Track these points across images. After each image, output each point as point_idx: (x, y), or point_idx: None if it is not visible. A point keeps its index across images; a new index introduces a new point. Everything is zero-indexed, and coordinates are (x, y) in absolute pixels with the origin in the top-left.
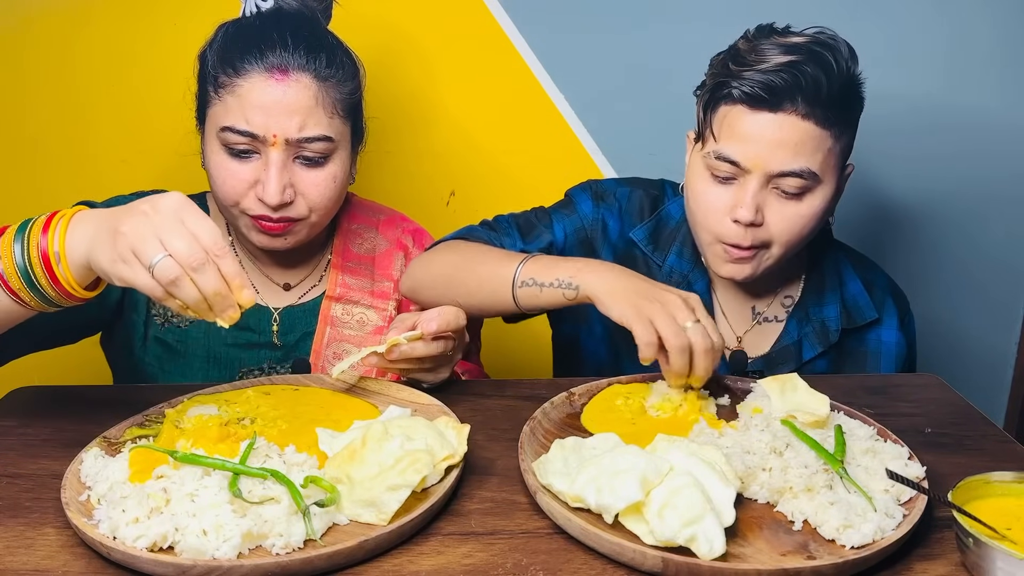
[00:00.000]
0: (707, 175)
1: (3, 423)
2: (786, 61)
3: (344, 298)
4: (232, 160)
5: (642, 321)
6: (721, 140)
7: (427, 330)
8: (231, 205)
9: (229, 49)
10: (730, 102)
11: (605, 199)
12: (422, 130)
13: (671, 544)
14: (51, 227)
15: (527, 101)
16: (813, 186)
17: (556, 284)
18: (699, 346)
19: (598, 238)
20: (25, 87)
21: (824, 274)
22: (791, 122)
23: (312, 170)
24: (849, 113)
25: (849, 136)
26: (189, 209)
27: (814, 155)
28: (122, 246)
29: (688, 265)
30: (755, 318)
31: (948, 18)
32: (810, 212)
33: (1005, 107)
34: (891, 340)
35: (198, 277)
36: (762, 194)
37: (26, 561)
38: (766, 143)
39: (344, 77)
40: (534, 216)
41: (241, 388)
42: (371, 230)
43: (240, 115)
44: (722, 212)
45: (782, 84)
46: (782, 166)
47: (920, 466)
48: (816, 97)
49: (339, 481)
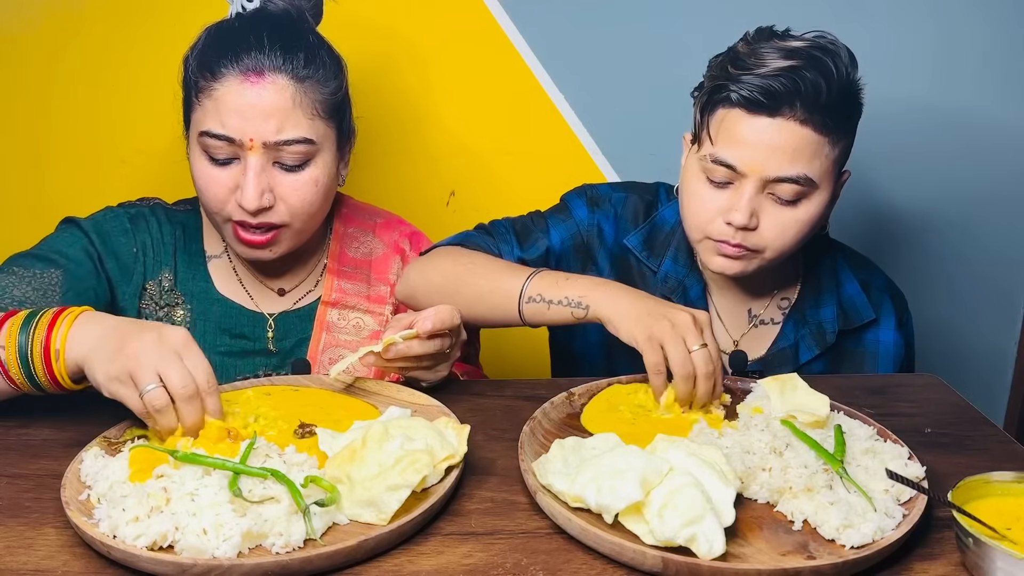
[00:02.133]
0: (703, 178)
1: (3, 423)
2: (786, 66)
3: (340, 303)
4: (213, 166)
5: (652, 344)
6: (718, 143)
7: (423, 328)
8: (215, 212)
9: (207, 53)
10: (728, 105)
11: (600, 205)
12: (422, 130)
13: (671, 544)
14: (56, 325)
15: (527, 101)
16: (809, 192)
17: (565, 303)
18: (701, 371)
19: (594, 243)
20: (25, 87)
21: (821, 276)
22: (789, 127)
23: (292, 174)
24: (847, 120)
25: (847, 143)
26: (191, 347)
27: (811, 161)
28: (120, 367)
29: (683, 270)
30: (751, 321)
31: (941, 19)
32: (805, 218)
33: (1003, 107)
34: (889, 340)
35: (184, 407)
36: (757, 199)
37: (26, 561)
38: (763, 148)
39: (325, 77)
40: (530, 221)
41: (241, 388)
42: (367, 234)
43: (217, 119)
44: (715, 214)
45: (781, 89)
46: (779, 172)
47: (920, 466)
48: (815, 103)
49: (339, 481)
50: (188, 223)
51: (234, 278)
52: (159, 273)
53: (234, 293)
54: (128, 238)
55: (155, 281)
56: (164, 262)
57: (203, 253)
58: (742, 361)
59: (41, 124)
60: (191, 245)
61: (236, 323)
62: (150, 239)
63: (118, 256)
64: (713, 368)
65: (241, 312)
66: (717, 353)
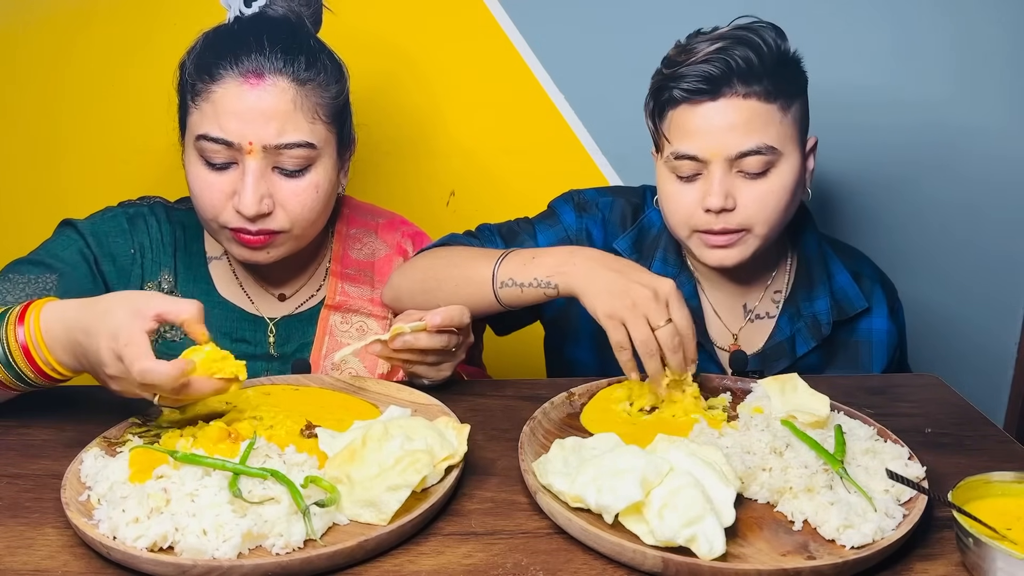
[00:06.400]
0: (673, 177)
1: (3, 423)
2: (714, 49)
3: (344, 306)
4: (209, 171)
5: (614, 323)
6: (675, 141)
7: (432, 322)
8: (210, 219)
9: (205, 56)
10: (673, 105)
11: (588, 209)
12: (422, 130)
13: (671, 544)
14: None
15: (527, 101)
16: (775, 160)
17: (536, 284)
18: (667, 346)
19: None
20: (25, 87)
21: (811, 267)
22: (734, 104)
23: (292, 179)
24: (790, 84)
25: (798, 106)
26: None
27: (766, 130)
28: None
29: (674, 270)
30: (747, 315)
31: (954, 18)
32: (780, 186)
33: (1007, 108)
34: (882, 328)
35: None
36: (728, 179)
37: (26, 561)
38: (717, 130)
39: (327, 80)
40: (516, 225)
41: (241, 388)
42: (370, 234)
43: (215, 122)
44: (694, 206)
45: (716, 72)
46: (739, 147)
47: (920, 466)
48: (751, 74)
49: (339, 481)
50: (189, 222)
51: (235, 281)
52: (158, 274)
53: (235, 296)
54: (125, 239)
55: (155, 283)
56: (163, 263)
57: (204, 254)
58: (742, 361)
59: (41, 124)
60: (192, 245)
61: (237, 327)
62: (148, 240)
63: (115, 258)
64: (679, 341)
65: (242, 315)
66: (687, 322)
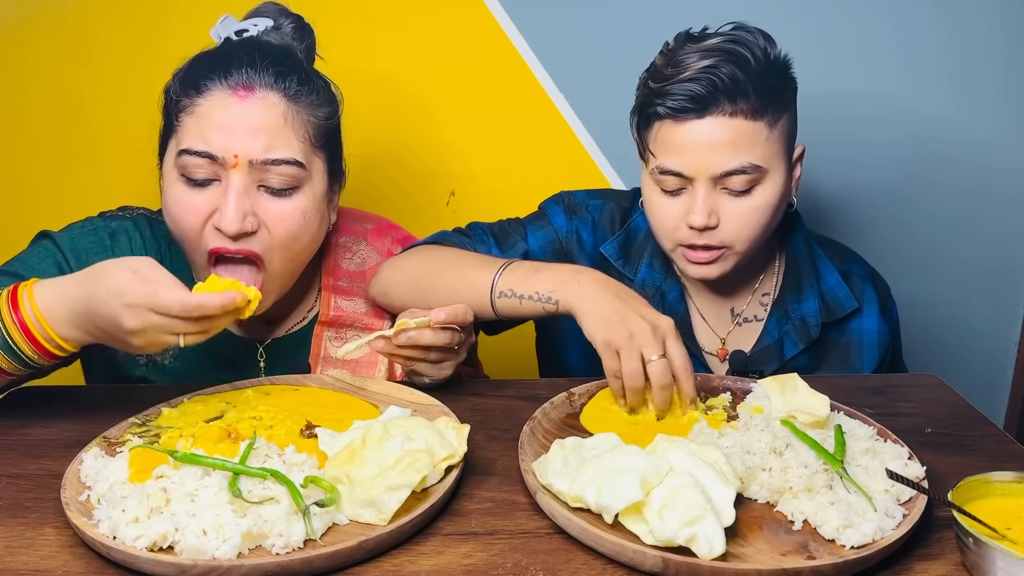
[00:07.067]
0: (657, 190)
1: (3, 423)
2: (702, 67)
3: (338, 322)
4: (189, 189)
5: (609, 351)
6: (660, 156)
7: (436, 318)
8: (188, 241)
9: (193, 72)
10: (658, 119)
11: (578, 212)
12: (422, 130)
13: (671, 544)
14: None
15: (527, 102)
16: (760, 178)
17: (536, 298)
18: (656, 382)
19: (575, 251)
20: (26, 88)
21: (800, 269)
22: (720, 123)
23: (278, 200)
24: (778, 98)
25: (786, 120)
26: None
27: (752, 148)
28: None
29: (660, 276)
30: (735, 319)
31: (951, 29)
32: (764, 204)
33: (1005, 107)
34: (873, 328)
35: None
36: (712, 196)
37: (26, 561)
38: (702, 149)
39: (319, 101)
40: (508, 225)
41: (241, 388)
42: (359, 242)
43: (198, 135)
44: (678, 221)
45: (702, 91)
46: (723, 167)
47: (920, 466)
48: (737, 92)
49: (339, 481)
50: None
51: None
52: None
53: None
54: (106, 255)
55: None
56: None
57: (189, 271)
58: (742, 361)
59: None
60: (176, 262)
61: (224, 349)
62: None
63: None
64: (669, 381)
65: (230, 338)
66: (683, 361)
